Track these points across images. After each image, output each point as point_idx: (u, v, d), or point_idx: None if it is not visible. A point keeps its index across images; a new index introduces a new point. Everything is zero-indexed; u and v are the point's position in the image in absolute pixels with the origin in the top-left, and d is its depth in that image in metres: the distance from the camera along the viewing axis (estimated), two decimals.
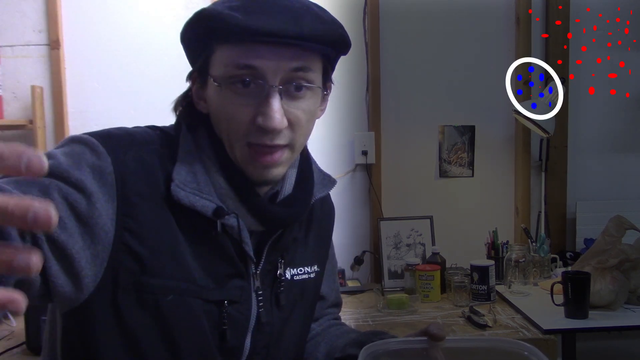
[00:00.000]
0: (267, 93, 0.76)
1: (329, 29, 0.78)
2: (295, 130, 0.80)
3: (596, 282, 1.74)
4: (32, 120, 2.11)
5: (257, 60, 0.75)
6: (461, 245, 2.26)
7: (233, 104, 0.77)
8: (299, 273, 0.93)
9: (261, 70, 0.75)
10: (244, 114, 0.77)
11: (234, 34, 0.74)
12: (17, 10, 2.16)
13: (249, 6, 0.75)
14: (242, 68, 0.76)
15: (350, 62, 2.25)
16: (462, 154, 2.33)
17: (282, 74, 0.76)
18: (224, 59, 0.77)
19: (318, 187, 0.93)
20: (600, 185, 2.38)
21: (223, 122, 0.79)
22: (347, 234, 2.29)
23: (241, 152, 0.79)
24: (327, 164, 2.25)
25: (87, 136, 0.76)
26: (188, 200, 0.77)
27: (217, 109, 0.80)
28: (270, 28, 0.73)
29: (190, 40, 0.83)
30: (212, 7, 0.77)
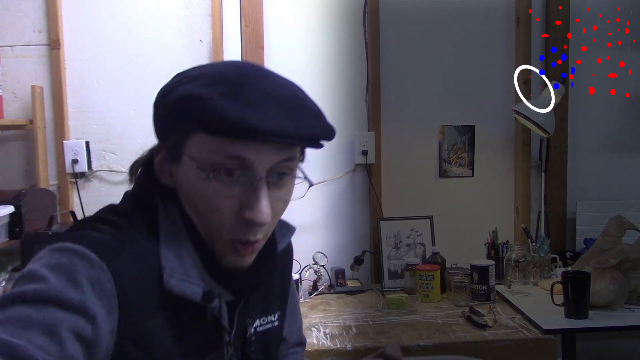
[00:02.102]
0: (255, 185, 0.73)
1: (323, 127, 0.77)
2: (273, 222, 0.79)
3: (596, 282, 1.74)
4: (32, 120, 2.11)
5: (246, 151, 0.72)
6: (461, 245, 2.26)
7: (218, 195, 0.73)
8: (262, 323, 0.91)
9: (250, 161, 0.72)
10: (228, 206, 0.74)
11: (232, 130, 0.70)
12: (17, 10, 2.16)
13: (242, 95, 0.71)
14: (231, 158, 0.72)
15: (350, 62, 2.25)
16: (462, 154, 2.33)
17: (269, 165, 0.74)
18: (209, 146, 0.72)
19: (279, 238, 0.91)
20: (600, 185, 2.38)
21: (203, 211, 0.75)
22: (347, 234, 2.29)
23: (222, 244, 0.77)
24: (327, 164, 2.26)
25: (71, 244, 0.69)
26: (179, 289, 0.74)
27: (196, 195, 0.75)
28: (269, 127, 0.70)
29: (167, 118, 0.77)
30: (202, 93, 0.71)
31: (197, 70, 0.77)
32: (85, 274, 0.67)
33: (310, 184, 0.81)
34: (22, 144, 2.19)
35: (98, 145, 2.21)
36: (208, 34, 2.19)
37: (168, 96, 0.76)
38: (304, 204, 2.25)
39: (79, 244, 0.69)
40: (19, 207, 1.94)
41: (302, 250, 2.17)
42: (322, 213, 2.28)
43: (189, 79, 0.75)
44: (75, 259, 0.68)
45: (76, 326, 0.64)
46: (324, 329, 1.74)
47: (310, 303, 2.00)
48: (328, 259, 2.19)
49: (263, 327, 0.91)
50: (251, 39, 2.17)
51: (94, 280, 0.68)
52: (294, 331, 1.04)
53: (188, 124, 0.73)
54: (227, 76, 0.74)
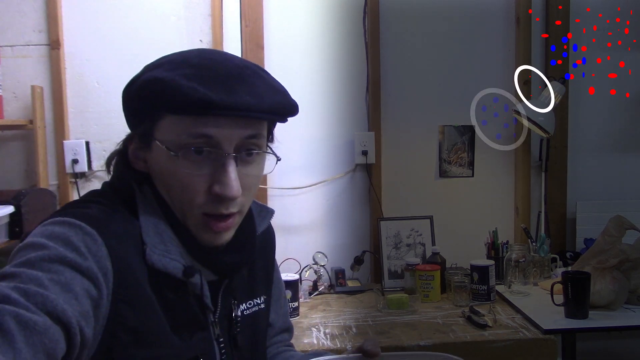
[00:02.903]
0: (223, 162, 0.76)
1: (284, 100, 0.79)
2: (246, 195, 0.81)
3: (596, 282, 1.74)
4: (32, 120, 2.11)
5: (212, 129, 0.75)
6: (461, 245, 2.26)
7: (187, 173, 0.76)
8: (249, 307, 0.93)
9: (216, 139, 0.75)
10: (199, 184, 0.77)
11: (193, 106, 0.73)
12: (17, 10, 2.16)
13: (205, 75, 0.74)
14: (197, 137, 0.75)
15: (350, 62, 2.25)
16: (462, 154, 2.33)
17: (236, 141, 0.77)
18: (176, 127, 0.75)
19: (258, 222, 0.94)
20: (600, 185, 2.38)
21: (175, 190, 0.78)
22: (347, 234, 2.29)
23: (194, 220, 0.79)
24: (327, 164, 2.26)
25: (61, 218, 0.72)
26: (161, 264, 0.76)
27: (168, 176, 0.78)
28: (231, 102, 0.73)
29: (135, 105, 0.80)
30: (166, 75, 0.75)
31: (161, 59, 0.81)
32: (79, 239, 0.70)
33: (278, 159, 0.85)
34: (22, 144, 2.19)
35: (98, 145, 2.21)
36: (208, 34, 2.19)
37: (134, 84, 0.80)
38: (304, 204, 2.27)
39: (68, 217, 0.72)
40: (19, 207, 1.94)
41: (302, 250, 2.17)
42: (322, 213, 2.28)
43: (153, 67, 0.79)
44: (67, 228, 0.70)
45: (84, 284, 0.67)
46: (324, 329, 1.74)
47: (310, 303, 2.00)
48: (328, 259, 2.19)
49: (250, 310, 0.93)
50: (251, 39, 2.17)
51: (88, 245, 0.70)
52: (280, 316, 1.06)
53: (154, 108, 0.76)
54: (189, 60, 0.77)
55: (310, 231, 2.26)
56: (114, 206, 0.79)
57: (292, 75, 2.22)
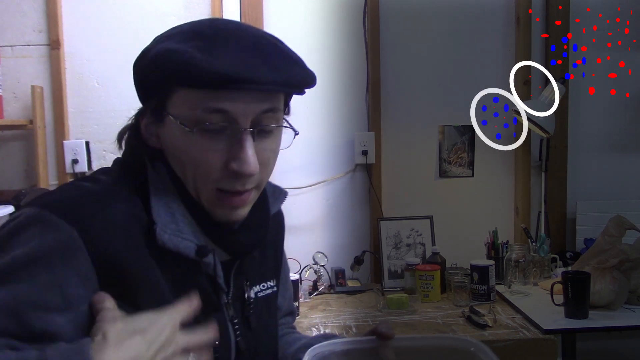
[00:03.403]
0: (239, 137, 0.73)
1: (302, 72, 0.77)
2: (263, 171, 0.79)
3: (596, 282, 1.74)
4: (32, 120, 2.11)
5: (228, 104, 0.72)
6: (461, 245, 2.26)
7: (202, 149, 0.74)
8: (263, 289, 0.92)
9: (232, 114, 0.72)
10: (214, 159, 0.74)
11: (207, 80, 0.70)
12: (17, 10, 2.16)
13: (219, 47, 0.71)
14: (212, 112, 0.72)
15: (350, 62, 2.25)
16: (462, 154, 2.33)
17: (252, 116, 0.74)
18: (190, 101, 0.72)
19: (271, 202, 0.92)
20: (600, 185, 2.38)
21: (188, 165, 0.76)
22: (347, 234, 2.29)
23: (208, 196, 0.77)
24: (327, 164, 2.26)
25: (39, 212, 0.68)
26: (172, 244, 0.74)
27: (181, 151, 0.75)
28: (247, 75, 0.70)
29: (147, 78, 0.78)
30: (179, 47, 0.72)
31: (174, 30, 0.78)
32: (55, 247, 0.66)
33: (296, 133, 0.82)
34: (22, 144, 2.19)
35: (98, 145, 2.21)
36: None
37: (146, 56, 0.77)
38: (304, 204, 2.27)
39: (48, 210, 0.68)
40: (19, 207, 1.94)
41: (302, 250, 2.17)
42: (322, 213, 2.28)
43: (165, 38, 0.76)
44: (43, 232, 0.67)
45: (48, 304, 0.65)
46: (324, 329, 1.74)
47: (310, 303, 2.00)
48: (328, 259, 2.19)
49: (264, 292, 0.92)
50: None
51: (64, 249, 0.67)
52: (286, 299, 1.06)
53: (167, 81, 0.73)
54: (202, 31, 0.74)
55: (310, 231, 2.26)
56: (119, 184, 0.76)
57: None
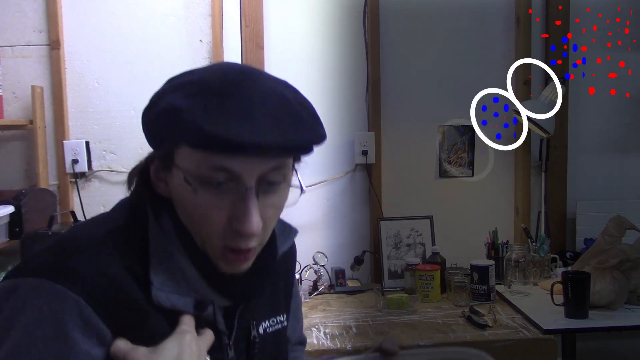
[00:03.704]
0: (243, 196, 0.72)
1: (311, 135, 0.73)
2: (266, 228, 0.77)
3: (596, 282, 1.74)
4: (32, 120, 2.11)
5: (233, 163, 0.70)
6: (461, 245, 2.26)
7: (207, 205, 0.72)
8: (272, 324, 0.91)
9: (237, 172, 0.71)
10: (218, 216, 0.73)
11: (210, 144, 0.68)
12: (17, 10, 2.15)
13: (226, 106, 0.69)
14: (217, 170, 0.71)
15: (350, 62, 2.25)
16: (462, 154, 2.33)
17: (258, 174, 0.72)
18: (195, 158, 0.71)
19: (280, 241, 0.89)
20: (600, 185, 2.38)
21: (194, 219, 0.75)
22: (347, 234, 2.29)
23: (214, 251, 0.76)
24: (327, 164, 2.26)
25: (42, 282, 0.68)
26: (170, 303, 0.74)
27: (187, 204, 0.74)
28: (253, 140, 0.67)
29: (154, 130, 0.77)
30: (182, 105, 0.70)
31: (184, 78, 0.76)
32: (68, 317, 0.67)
33: (302, 191, 0.80)
34: (22, 144, 2.19)
35: (98, 145, 2.21)
36: (208, 34, 2.19)
37: (154, 107, 0.76)
38: (304, 204, 2.26)
39: (51, 279, 0.68)
40: (19, 207, 1.94)
41: (302, 250, 2.13)
42: (322, 213, 2.28)
43: (174, 89, 0.74)
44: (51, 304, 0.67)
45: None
46: (324, 329, 1.74)
47: (310, 303, 2.00)
48: (328, 259, 2.19)
49: (273, 327, 0.91)
50: (251, 39, 2.17)
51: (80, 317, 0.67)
52: (297, 330, 1.04)
53: (172, 137, 0.73)
54: (211, 85, 0.72)
55: (310, 231, 2.26)
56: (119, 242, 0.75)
57: (292, 75, 2.20)
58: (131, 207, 0.80)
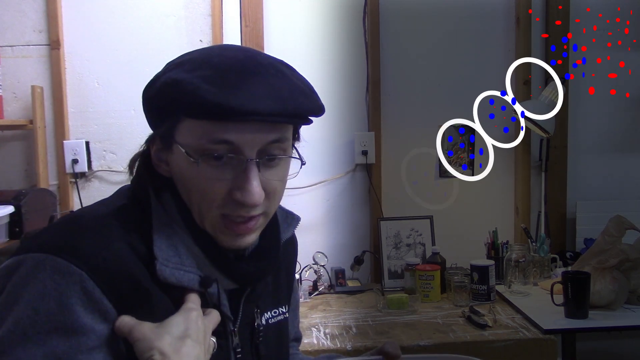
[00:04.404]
0: (244, 167, 0.73)
1: (309, 103, 0.76)
2: (271, 199, 0.78)
3: (596, 282, 1.74)
4: (32, 120, 2.11)
5: (233, 134, 0.72)
6: (461, 245, 2.26)
7: (207, 178, 0.73)
8: (274, 315, 0.91)
9: (238, 144, 0.72)
10: (219, 188, 0.74)
11: (212, 112, 0.69)
12: (17, 10, 2.15)
13: (225, 77, 0.71)
14: (218, 143, 0.72)
15: (350, 62, 2.25)
16: (462, 154, 2.33)
17: (259, 146, 0.74)
18: (196, 131, 0.72)
19: (283, 228, 0.91)
20: (600, 185, 2.38)
21: (194, 193, 0.75)
22: (347, 234, 2.29)
23: (213, 222, 0.76)
24: (327, 164, 2.26)
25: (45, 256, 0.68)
26: (175, 278, 0.74)
27: (188, 180, 0.75)
28: (253, 107, 0.69)
29: (154, 106, 0.78)
30: (184, 77, 0.72)
31: (183, 57, 0.78)
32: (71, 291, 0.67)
33: (303, 163, 0.81)
34: (22, 144, 2.19)
35: (98, 145, 2.21)
36: (208, 34, 2.19)
37: (154, 85, 0.77)
38: (304, 204, 2.27)
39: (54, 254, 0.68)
40: (19, 207, 1.94)
41: (302, 250, 2.12)
42: (322, 213, 2.28)
43: (174, 66, 0.76)
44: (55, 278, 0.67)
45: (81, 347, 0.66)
46: (324, 329, 1.74)
47: (310, 303, 2.00)
48: (328, 259, 2.19)
49: (275, 319, 0.91)
50: (251, 39, 2.17)
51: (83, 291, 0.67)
52: (294, 326, 1.05)
53: (173, 111, 0.74)
54: (210, 60, 0.74)
55: (310, 231, 2.26)
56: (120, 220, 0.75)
57: None
58: (133, 189, 0.81)
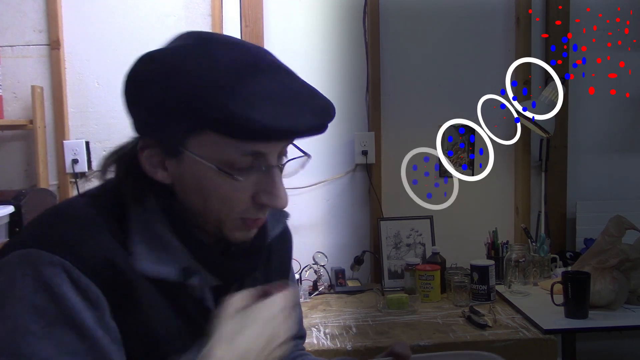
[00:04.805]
0: (270, 173, 0.75)
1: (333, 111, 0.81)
2: None
3: (596, 282, 1.74)
4: (32, 120, 2.11)
5: (263, 146, 0.73)
6: (461, 245, 2.26)
7: (232, 187, 0.73)
8: None
9: (265, 153, 0.74)
10: (243, 195, 0.75)
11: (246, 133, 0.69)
12: (17, 10, 2.15)
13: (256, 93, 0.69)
14: (247, 155, 0.72)
15: (350, 62, 2.25)
16: (462, 154, 2.33)
17: (278, 151, 0.77)
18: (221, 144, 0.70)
19: (272, 224, 0.90)
20: (600, 185, 2.38)
21: (214, 201, 0.74)
22: (347, 234, 2.29)
23: (232, 225, 0.77)
24: (327, 164, 2.26)
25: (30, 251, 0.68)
26: (151, 270, 0.73)
27: (206, 189, 0.74)
28: (287, 126, 0.70)
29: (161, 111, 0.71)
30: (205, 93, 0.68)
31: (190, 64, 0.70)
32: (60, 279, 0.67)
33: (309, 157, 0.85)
34: (22, 144, 2.19)
35: (98, 145, 2.21)
36: None
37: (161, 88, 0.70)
38: (304, 204, 2.27)
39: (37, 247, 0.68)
40: (19, 207, 1.94)
41: (302, 250, 2.16)
42: (322, 213, 2.28)
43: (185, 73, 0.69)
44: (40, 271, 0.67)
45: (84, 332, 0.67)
46: (324, 329, 1.74)
47: (310, 303, 2.00)
48: (328, 259, 2.19)
49: None
50: (251, 39, 2.17)
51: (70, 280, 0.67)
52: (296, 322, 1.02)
53: (192, 122, 0.69)
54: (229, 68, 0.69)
55: (310, 231, 2.26)
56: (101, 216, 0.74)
57: None
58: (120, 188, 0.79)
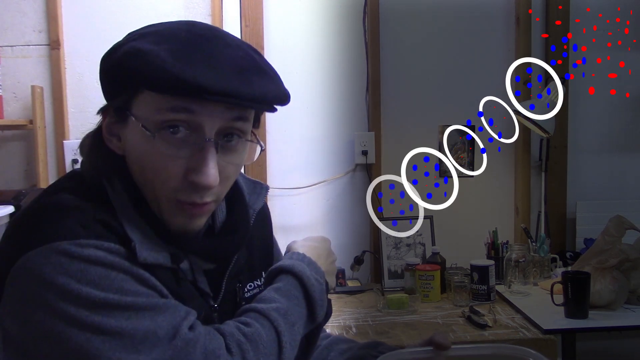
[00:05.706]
0: (202, 147, 0.71)
1: (277, 90, 0.74)
2: (224, 184, 0.76)
3: (596, 282, 1.74)
4: (32, 120, 2.11)
5: (196, 106, 0.70)
6: (461, 245, 2.26)
7: (164, 155, 0.71)
8: (250, 289, 0.89)
9: (199, 117, 0.70)
10: (174, 168, 0.71)
11: (178, 88, 0.67)
12: (17, 10, 2.15)
13: (193, 54, 0.68)
14: (178, 111, 0.70)
15: (350, 62, 2.25)
16: (462, 154, 2.33)
17: (219, 124, 0.72)
18: (155, 103, 0.70)
19: (252, 199, 0.90)
20: (600, 185, 2.38)
21: (148, 171, 0.73)
22: (347, 234, 2.29)
23: (168, 204, 0.74)
24: (327, 164, 2.26)
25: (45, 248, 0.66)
26: (153, 258, 0.72)
27: (142, 156, 0.72)
28: (221, 88, 0.67)
29: (113, 76, 0.74)
30: (149, 48, 0.69)
31: (148, 29, 0.75)
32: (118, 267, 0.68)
33: (262, 148, 0.80)
34: (22, 144, 2.19)
35: None
36: None
37: (115, 53, 0.75)
38: (304, 204, 2.27)
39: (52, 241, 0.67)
40: (19, 207, 1.94)
41: None
42: (322, 213, 2.28)
43: (138, 37, 0.73)
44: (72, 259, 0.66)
45: None
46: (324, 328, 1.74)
47: None
48: None
49: (251, 292, 0.89)
50: (251, 39, 2.17)
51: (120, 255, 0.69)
52: None
53: (134, 81, 0.70)
54: (177, 34, 0.72)
55: (310, 231, 2.25)
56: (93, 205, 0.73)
57: (292, 75, 2.22)
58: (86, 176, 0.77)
